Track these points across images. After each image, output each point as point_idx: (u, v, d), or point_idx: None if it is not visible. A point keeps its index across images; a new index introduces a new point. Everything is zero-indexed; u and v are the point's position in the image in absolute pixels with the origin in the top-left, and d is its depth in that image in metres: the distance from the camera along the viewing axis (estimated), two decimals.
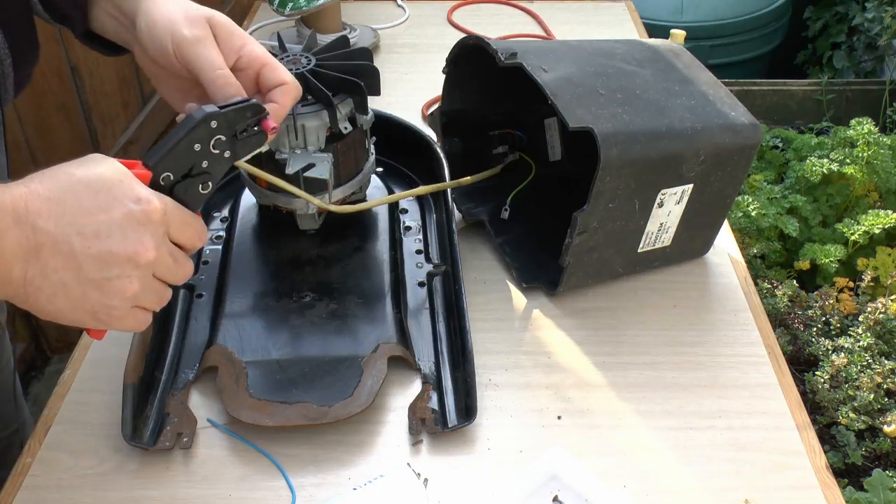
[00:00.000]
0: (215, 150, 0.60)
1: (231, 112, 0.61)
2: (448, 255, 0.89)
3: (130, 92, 1.93)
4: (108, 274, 0.53)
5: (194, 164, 0.59)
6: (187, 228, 0.58)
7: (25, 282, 0.52)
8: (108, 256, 0.52)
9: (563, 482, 0.69)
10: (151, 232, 0.54)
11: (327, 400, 0.73)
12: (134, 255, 0.53)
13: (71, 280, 0.52)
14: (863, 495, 1.30)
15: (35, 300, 0.53)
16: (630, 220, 0.83)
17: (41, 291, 0.52)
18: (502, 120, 0.99)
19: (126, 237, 0.53)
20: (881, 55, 2.67)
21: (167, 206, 0.55)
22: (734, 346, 0.83)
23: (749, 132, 0.84)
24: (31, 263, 0.51)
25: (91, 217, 0.52)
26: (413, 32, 1.49)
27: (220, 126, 0.60)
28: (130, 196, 0.53)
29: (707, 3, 2.63)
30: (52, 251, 0.51)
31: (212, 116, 0.60)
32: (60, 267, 0.52)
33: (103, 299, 0.54)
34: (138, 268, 0.54)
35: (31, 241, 0.51)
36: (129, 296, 0.54)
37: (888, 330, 1.51)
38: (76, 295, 0.53)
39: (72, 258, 0.52)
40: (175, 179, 0.58)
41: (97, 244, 0.52)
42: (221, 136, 0.60)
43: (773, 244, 1.82)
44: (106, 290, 0.53)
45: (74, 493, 0.69)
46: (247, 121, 0.62)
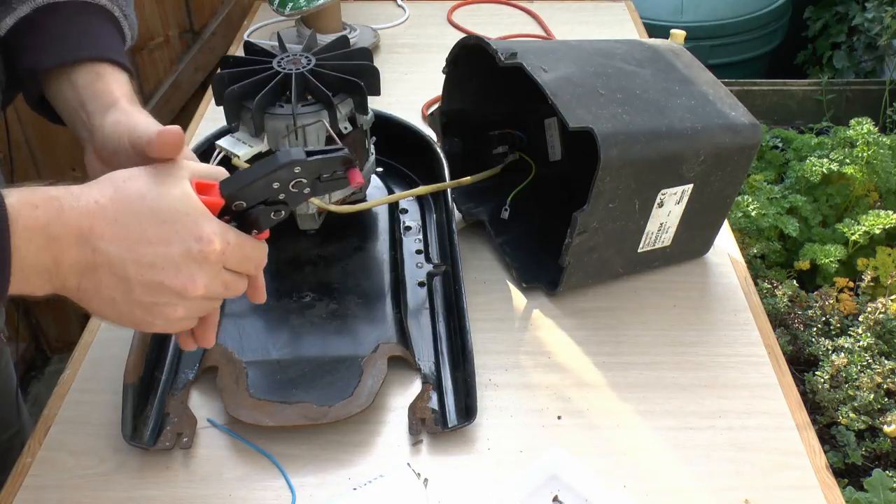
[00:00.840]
0: (294, 189, 0.59)
1: (317, 162, 0.59)
2: (448, 255, 0.89)
3: None
4: (157, 300, 0.55)
5: (271, 196, 0.58)
6: (245, 262, 0.58)
7: (79, 290, 0.54)
8: (158, 287, 0.54)
9: (563, 482, 0.69)
10: (206, 270, 0.55)
11: (327, 400, 0.73)
12: (183, 290, 0.55)
13: (120, 298, 0.55)
14: (863, 495, 1.30)
15: (86, 304, 0.56)
16: (630, 220, 0.83)
17: (92, 301, 0.55)
18: (502, 120, 0.98)
19: (179, 273, 0.54)
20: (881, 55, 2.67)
21: (228, 245, 0.56)
22: (734, 346, 0.83)
23: (749, 132, 0.84)
24: (87, 278, 0.54)
25: (150, 247, 0.54)
26: (413, 32, 1.49)
27: (304, 172, 0.58)
28: (193, 233, 0.54)
29: (707, 3, 2.63)
30: (108, 272, 0.54)
31: (296, 163, 0.58)
32: (112, 286, 0.54)
33: (147, 318, 0.56)
34: (185, 300, 0.56)
35: (90, 259, 0.53)
36: (172, 319, 0.57)
37: (888, 330, 1.51)
38: (123, 311, 0.56)
39: (125, 282, 0.54)
40: (248, 206, 0.58)
41: (150, 274, 0.54)
42: (303, 179, 0.59)
43: (773, 244, 1.82)
44: (151, 311, 0.56)
45: (74, 493, 0.69)
46: (334, 170, 0.60)
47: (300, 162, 0.58)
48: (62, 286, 0.54)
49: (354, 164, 0.60)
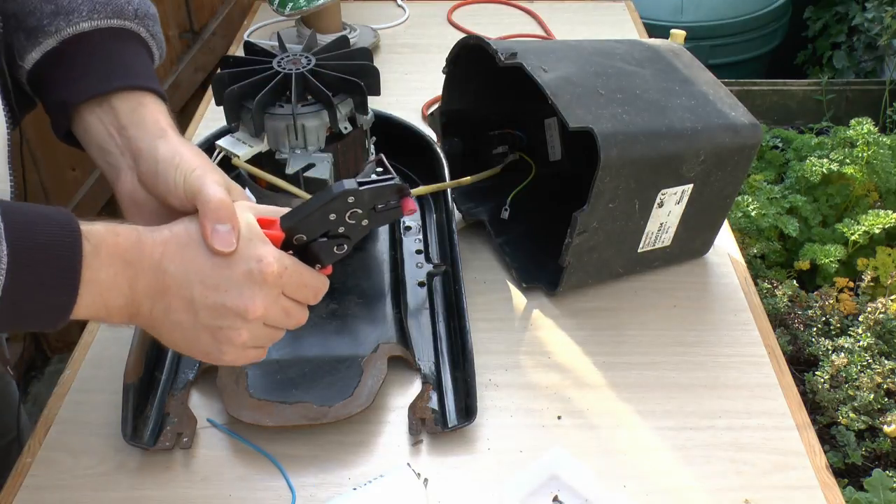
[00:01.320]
0: (351, 220, 0.60)
1: (370, 191, 0.60)
2: (448, 255, 0.89)
3: None
4: (221, 324, 0.57)
5: (330, 228, 0.60)
6: (303, 289, 0.60)
7: (151, 316, 0.57)
8: (221, 309, 0.57)
9: (563, 482, 0.69)
10: (265, 292, 0.57)
11: (327, 400, 0.73)
12: (244, 311, 0.57)
13: (188, 322, 0.57)
14: (863, 495, 1.30)
15: (158, 331, 0.59)
16: (630, 220, 0.83)
17: (162, 326, 0.58)
18: (502, 120, 0.98)
19: (241, 294, 0.57)
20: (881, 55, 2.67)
21: (286, 269, 0.58)
22: (734, 346, 0.83)
23: (749, 132, 0.84)
24: (158, 301, 0.57)
25: (214, 270, 0.57)
26: (413, 32, 1.49)
27: (358, 202, 0.59)
28: (253, 256, 0.57)
29: (707, 3, 2.63)
30: (176, 294, 0.57)
31: (349, 193, 0.59)
32: (181, 309, 0.57)
33: (214, 343, 0.58)
34: (247, 322, 0.58)
35: (160, 282, 0.56)
36: (237, 344, 0.58)
37: (888, 330, 1.51)
38: (191, 336, 0.58)
39: (191, 304, 0.57)
40: (309, 240, 0.60)
41: (214, 295, 0.57)
42: (358, 209, 0.60)
43: (773, 244, 1.82)
44: (217, 336, 0.58)
45: (74, 493, 0.69)
46: (388, 199, 0.61)
47: (353, 192, 0.59)
48: (137, 311, 0.57)
49: (407, 191, 0.61)
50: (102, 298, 0.55)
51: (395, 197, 0.61)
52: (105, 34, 0.69)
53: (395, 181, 0.61)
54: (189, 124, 1.20)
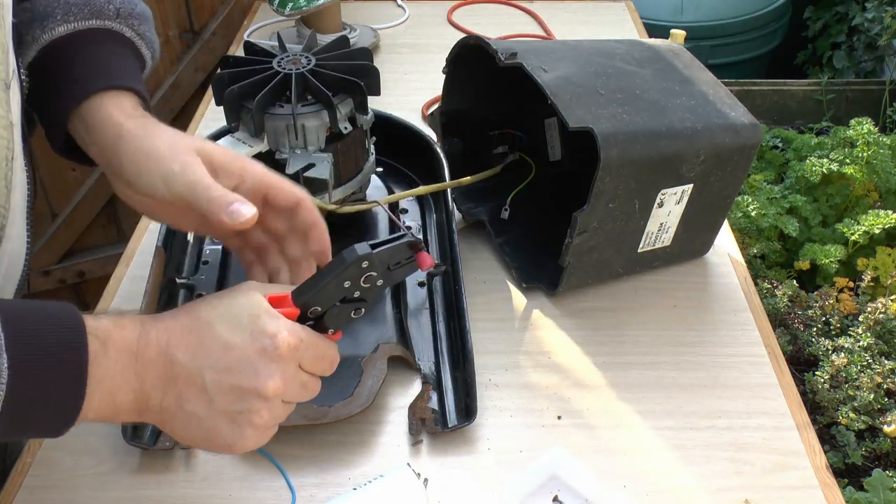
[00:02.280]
0: (366, 284, 0.58)
1: (384, 252, 0.58)
2: (448, 255, 0.89)
3: None
4: (239, 407, 0.54)
5: (345, 295, 0.58)
6: (320, 362, 0.57)
7: (161, 409, 0.54)
8: (238, 391, 0.53)
9: (563, 482, 0.69)
10: (282, 368, 0.54)
11: (327, 400, 0.73)
12: (264, 389, 0.53)
13: (203, 411, 0.54)
14: (863, 495, 1.30)
15: (171, 426, 0.55)
16: (630, 220, 0.83)
17: (175, 418, 0.54)
18: (502, 120, 0.98)
19: (257, 373, 0.53)
20: (881, 55, 2.67)
21: (302, 342, 0.55)
22: (734, 346, 0.83)
23: (749, 132, 0.84)
24: (168, 392, 0.53)
25: (225, 352, 0.53)
26: (413, 32, 1.49)
27: (372, 265, 0.57)
28: (267, 332, 0.54)
29: (707, 3, 2.63)
30: (187, 383, 0.53)
31: (363, 259, 0.57)
32: (193, 398, 0.53)
33: (234, 429, 0.55)
34: (267, 401, 0.54)
35: (169, 371, 0.53)
36: (258, 426, 0.55)
37: (888, 330, 1.51)
38: (209, 426, 0.54)
39: (204, 392, 0.53)
40: (324, 310, 0.57)
41: (228, 379, 0.53)
42: (373, 272, 0.58)
43: (773, 244, 1.82)
44: (237, 421, 0.54)
45: (74, 493, 0.69)
46: (401, 257, 0.59)
47: (366, 257, 0.57)
48: (146, 405, 0.54)
49: (422, 246, 0.59)
50: (111, 397, 0.52)
51: (408, 253, 0.59)
52: (83, 37, 0.67)
53: (407, 238, 0.59)
54: (189, 124, 1.20)
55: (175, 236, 0.89)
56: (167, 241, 0.86)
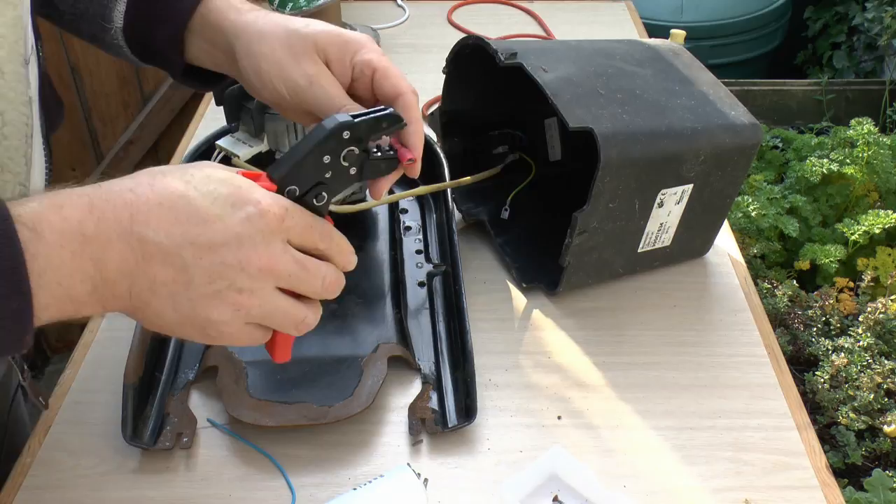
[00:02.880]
0: (344, 162, 0.54)
1: (365, 122, 0.55)
2: (448, 255, 0.89)
3: (130, 92, 1.93)
4: (222, 285, 0.49)
5: (320, 176, 0.54)
6: (310, 233, 0.52)
7: (132, 296, 0.49)
8: (220, 268, 0.48)
9: (563, 482, 0.69)
10: (269, 239, 0.49)
11: (327, 400, 0.73)
12: (247, 263, 0.49)
13: (181, 294, 0.49)
14: (863, 495, 1.30)
15: (143, 314, 0.50)
16: (630, 220, 0.83)
17: (149, 306, 0.49)
18: (502, 120, 0.98)
19: (241, 245, 0.48)
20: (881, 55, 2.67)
21: (287, 211, 0.51)
22: (734, 346, 0.83)
23: (749, 132, 0.84)
24: (138, 277, 0.48)
25: (206, 226, 0.48)
26: (413, 32, 1.49)
27: (353, 137, 0.54)
28: (249, 200, 0.49)
29: (707, 3, 2.63)
30: (161, 263, 0.48)
31: (344, 127, 0.54)
32: (170, 280, 0.48)
33: (213, 314, 0.49)
34: (252, 279, 0.49)
35: (139, 252, 0.47)
36: (241, 311, 0.50)
37: (888, 330, 1.51)
38: (186, 311, 0.49)
39: (183, 271, 0.48)
40: (302, 192, 0.54)
41: (210, 255, 0.48)
42: (354, 148, 0.54)
43: (773, 244, 1.82)
44: (221, 301, 0.49)
45: (74, 493, 0.69)
46: (382, 132, 0.56)
47: (347, 125, 0.54)
48: (111, 294, 0.48)
49: (403, 124, 0.57)
50: (63, 290, 0.46)
51: (388, 129, 0.57)
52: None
53: (389, 110, 0.56)
54: (189, 124, 1.20)
55: None
56: None
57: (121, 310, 0.50)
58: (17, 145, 0.57)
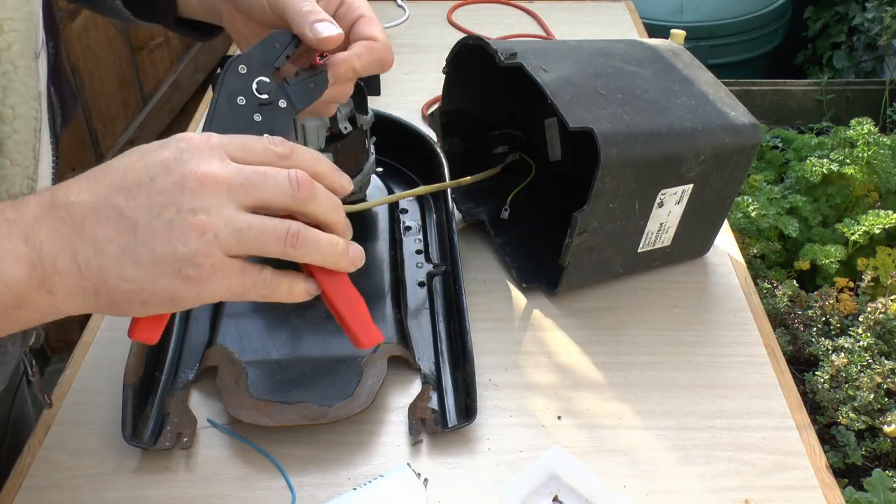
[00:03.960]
0: (262, 94, 0.52)
1: (254, 48, 0.53)
2: (448, 255, 0.89)
3: (130, 92, 1.93)
4: (167, 216, 0.44)
5: (249, 122, 0.51)
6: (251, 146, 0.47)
7: (81, 268, 0.44)
8: (157, 197, 0.44)
9: (563, 482, 0.69)
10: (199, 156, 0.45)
11: (327, 400, 0.73)
12: (182, 180, 0.44)
13: (132, 245, 0.44)
14: (863, 495, 1.30)
15: (105, 288, 0.45)
16: (630, 220, 0.83)
17: (106, 272, 0.44)
18: (502, 120, 0.98)
19: (169, 170, 0.44)
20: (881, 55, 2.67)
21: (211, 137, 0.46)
22: (734, 346, 0.83)
23: (749, 132, 0.84)
24: (78, 244, 0.44)
25: (129, 171, 0.45)
26: (413, 32, 1.49)
27: (252, 67, 0.52)
28: (171, 139, 0.46)
29: (707, 3, 2.63)
30: (95, 220, 0.44)
31: (235, 61, 0.52)
32: (113, 232, 0.44)
33: (178, 248, 0.44)
34: (197, 195, 0.44)
35: (67, 221, 0.44)
36: (207, 234, 0.44)
37: (888, 330, 1.51)
38: (146, 259, 0.44)
39: (122, 219, 0.44)
40: None
41: (142, 192, 0.44)
42: (262, 77, 0.52)
43: (773, 244, 1.82)
44: (175, 235, 0.44)
45: (74, 493, 0.69)
46: (279, 53, 0.53)
47: (237, 58, 0.53)
48: (55, 272, 0.44)
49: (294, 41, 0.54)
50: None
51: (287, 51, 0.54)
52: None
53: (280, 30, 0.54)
54: (189, 124, 1.20)
55: None
56: None
57: (78, 292, 0.45)
58: (26, 139, 0.57)
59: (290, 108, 0.53)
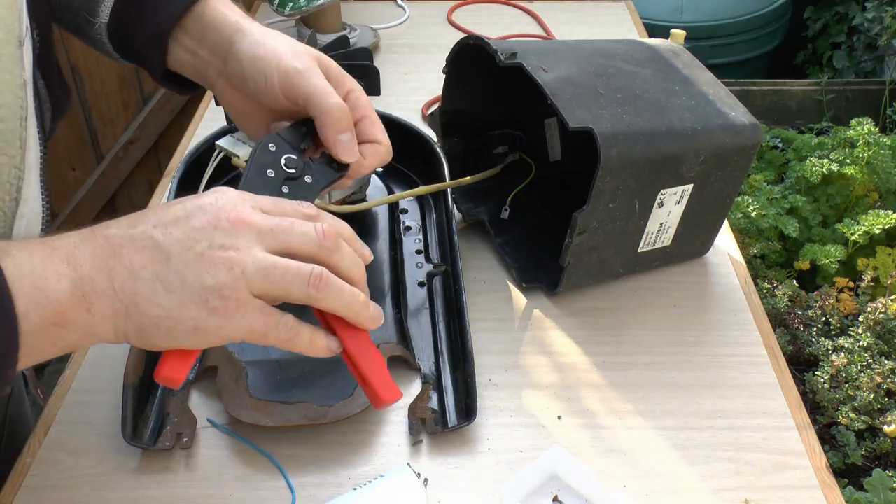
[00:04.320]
0: (290, 169, 0.57)
1: (283, 132, 0.59)
2: (448, 255, 0.89)
3: (130, 92, 1.93)
4: (199, 248, 0.48)
5: (276, 192, 0.56)
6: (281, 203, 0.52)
7: (115, 290, 0.48)
8: (192, 233, 0.48)
9: (563, 482, 0.69)
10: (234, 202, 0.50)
11: (327, 400, 0.73)
12: (216, 220, 0.49)
13: (164, 272, 0.48)
14: (863, 495, 1.30)
15: (137, 310, 0.48)
16: (630, 220, 0.83)
17: (138, 296, 0.48)
18: (502, 120, 0.99)
19: (205, 211, 0.49)
20: (881, 55, 2.67)
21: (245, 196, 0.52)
22: (734, 346, 0.83)
23: (749, 132, 0.84)
24: (115, 268, 0.48)
25: (167, 209, 0.50)
26: (413, 32, 1.49)
27: (281, 146, 0.58)
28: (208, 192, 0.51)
29: (707, 3, 2.63)
30: (132, 250, 0.48)
31: (267, 140, 0.58)
32: (147, 261, 0.48)
33: (206, 279, 0.48)
34: (228, 233, 0.48)
35: (105, 249, 0.48)
36: (235, 269, 0.48)
37: (888, 330, 1.51)
38: (176, 286, 0.48)
39: (156, 250, 0.48)
40: None
41: (178, 228, 0.48)
42: (290, 154, 0.58)
43: (773, 244, 1.82)
44: (204, 266, 0.48)
45: (74, 493, 0.69)
46: (303, 136, 0.60)
47: (268, 137, 0.58)
48: (93, 291, 0.47)
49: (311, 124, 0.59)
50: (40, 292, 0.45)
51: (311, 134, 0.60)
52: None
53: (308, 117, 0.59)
54: (189, 124, 1.20)
55: None
56: None
57: (112, 313, 0.48)
58: (12, 128, 0.57)
59: (314, 183, 0.58)
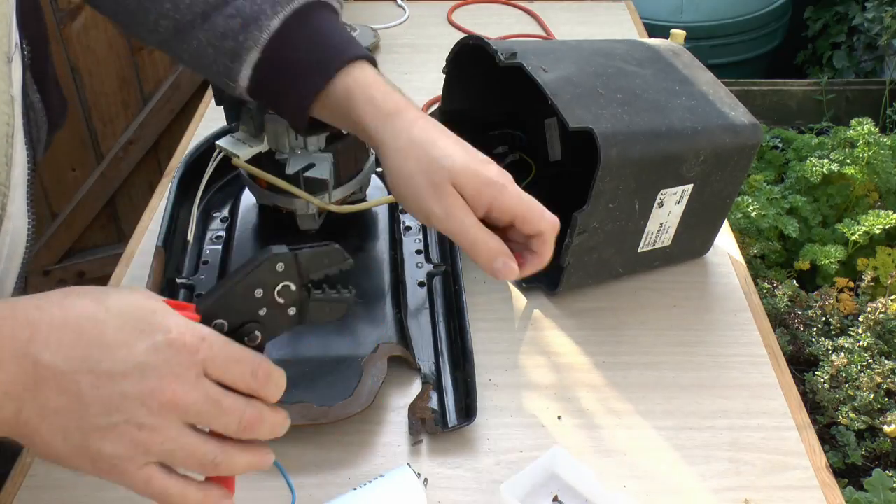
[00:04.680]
0: (280, 298, 0.50)
1: (303, 255, 0.50)
2: (448, 255, 0.89)
3: (130, 92, 1.93)
4: (115, 419, 0.45)
5: (252, 314, 0.49)
6: (234, 366, 0.47)
7: (18, 422, 0.45)
8: (118, 399, 0.44)
9: (563, 482, 0.69)
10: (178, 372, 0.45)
11: (327, 400, 0.73)
12: (147, 396, 0.44)
13: (72, 425, 0.45)
14: (863, 495, 1.30)
15: (30, 442, 0.46)
16: (630, 220, 0.83)
17: (37, 434, 0.45)
18: (502, 120, 0.98)
19: (144, 377, 0.44)
20: (881, 55, 2.67)
21: (204, 341, 0.46)
22: (734, 346, 0.83)
23: (749, 132, 0.84)
24: (27, 402, 0.44)
25: (108, 351, 0.44)
26: (413, 32, 1.49)
27: (289, 272, 0.50)
28: (160, 326, 0.45)
29: (707, 3, 2.63)
30: (55, 389, 0.44)
31: (278, 259, 0.49)
32: (63, 408, 0.44)
33: (106, 448, 0.45)
34: (153, 414, 0.45)
35: (31, 376, 0.44)
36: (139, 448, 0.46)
37: (888, 330, 1.51)
38: (76, 442, 0.45)
39: (77, 400, 0.44)
40: (231, 327, 0.49)
41: (108, 385, 0.44)
42: (289, 283, 0.50)
43: (773, 244, 1.82)
44: (110, 438, 0.45)
45: (74, 493, 0.69)
46: (323, 269, 0.51)
47: (282, 256, 0.49)
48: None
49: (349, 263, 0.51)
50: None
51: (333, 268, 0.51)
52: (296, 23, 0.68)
53: (336, 247, 0.51)
54: (189, 124, 1.20)
55: (175, 236, 0.89)
56: (167, 242, 0.86)
57: (6, 433, 0.46)
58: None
59: (295, 317, 0.51)
